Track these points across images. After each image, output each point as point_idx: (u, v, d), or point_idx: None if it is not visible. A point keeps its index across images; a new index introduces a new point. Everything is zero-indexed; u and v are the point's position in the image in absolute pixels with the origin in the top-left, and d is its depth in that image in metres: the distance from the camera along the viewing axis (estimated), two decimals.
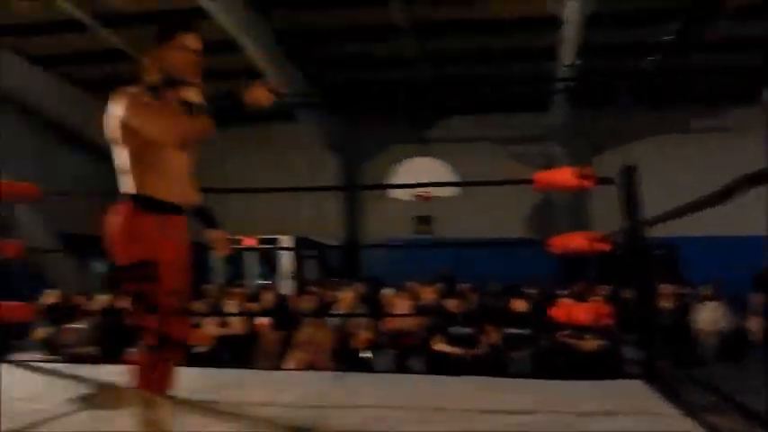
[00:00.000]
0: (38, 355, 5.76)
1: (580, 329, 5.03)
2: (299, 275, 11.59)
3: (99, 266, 12.97)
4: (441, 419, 2.49)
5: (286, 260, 11.89)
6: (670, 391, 2.69)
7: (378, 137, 14.22)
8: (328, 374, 3.62)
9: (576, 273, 10.32)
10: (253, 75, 11.10)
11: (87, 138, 12.99)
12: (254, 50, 10.34)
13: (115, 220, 2.27)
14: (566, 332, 5.19)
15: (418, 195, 10.72)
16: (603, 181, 4.05)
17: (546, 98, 13.04)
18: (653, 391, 2.78)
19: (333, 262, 13.65)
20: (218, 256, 2.47)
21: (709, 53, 10.77)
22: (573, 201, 12.90)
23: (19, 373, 3.65)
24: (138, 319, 2.21)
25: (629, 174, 3.68)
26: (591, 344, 5.01)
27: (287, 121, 13.18)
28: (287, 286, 10.65)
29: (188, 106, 2.34)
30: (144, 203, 2.25)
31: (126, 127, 2.23)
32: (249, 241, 11.19)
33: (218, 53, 11.02)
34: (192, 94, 2.38)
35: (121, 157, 2.30)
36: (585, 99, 12.06)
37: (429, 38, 11.02)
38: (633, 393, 2.84)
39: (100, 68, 12.32)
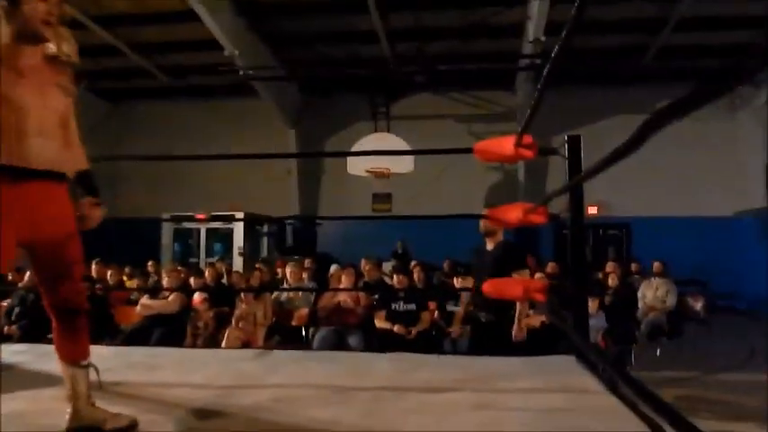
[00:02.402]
0: None
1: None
2: (250, 252, 11.35)
3: None
4: (348, 398, 2.30)
5: (237, 237, 11.64)
6: (601, 368, 2.53)
7: (338, 114, 13.94)
8: (252, 352, 3.40)
9: (529, 250, 10.29)
10: (212, 46, 10.76)
11: None
12: (210, 20, 9.93)
13: None
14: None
15: (376, 172, 10.52)
16: (545, 152, 3.86)
17: (511, 76, 12.88)
18: (583, 368, 2.63)
19: (289, 240, 13.44)
20: (83, 229, 2.15)
21: (680, 32, 10.66)
22: (533, 180, 12.84)
23: None
24: None
25: (573, 144, 3.49)
26: (534, 320, 4.88)
27: (247, 97, 12.81)
28: (237, 264, 10.42)
29: (54, 60, 2.02)
30: None
31: None
32: (200, 216, 10.92)
33: (178, 23, 10.64)
34: (60, 46, 2.04)
35: None
36: (550, 78, 11.88)
37: (392, 13, 10.74)
38: (563, 370, 2.69)
39: None
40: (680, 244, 11.30)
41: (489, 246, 4.06)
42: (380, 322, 5.27)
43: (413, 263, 7.29)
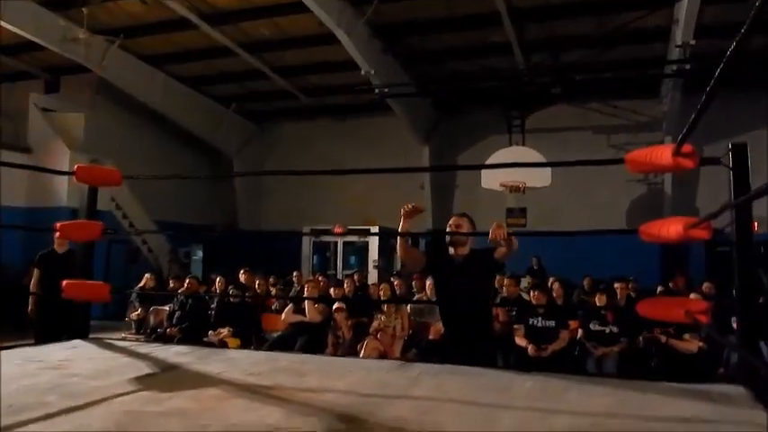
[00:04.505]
0: (124, 334, 5.99)
1: (679, 329, 4.53)
2: (384, 265, 11.55)
3: (199, 252, 13.61)
4: (495, 417, 2.23)
5: (372, 250, 11.90)
6: None
7: (472, 128, 13.88)
8: (392, 363, 3.44)
9: (678, 268, 9.55)
10: (350, 66, 11.20)
11: (193, 132, 13.66)
12: (349, 42, 10.35)
13: None
14: (662, 330, 4.71)
15: (511, 186, 10.32)
16: (707, 161, 3.57)
17: (655, 83, 12.14)
18: (753, 399, 2.37)
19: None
20: None
21: None
22: (682, 192, 11.95)
23: (92, 350, 3.72)
24: None
25: (739, 153, 3.17)
26: (690, 345, 4.49)
27: (383, 114, 13.14)
28: (372, 276, 10.64)
29: None
30: None
31: None
32: (338, 230, 11.33)
33: (317, 46, 11.21)
34: None
35: None
36: (700, 83, 11.00)
37: (526, 23, 10.57)
38: (729, 400, 2.44)
39: (204, 65, 12.85)
40: None
41: (457, 256, 3.86)
42: (519, 339, 5.13)
43: (551, 279, 7.04)
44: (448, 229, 4.01)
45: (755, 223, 11.13)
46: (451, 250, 3.88)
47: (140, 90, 12.65)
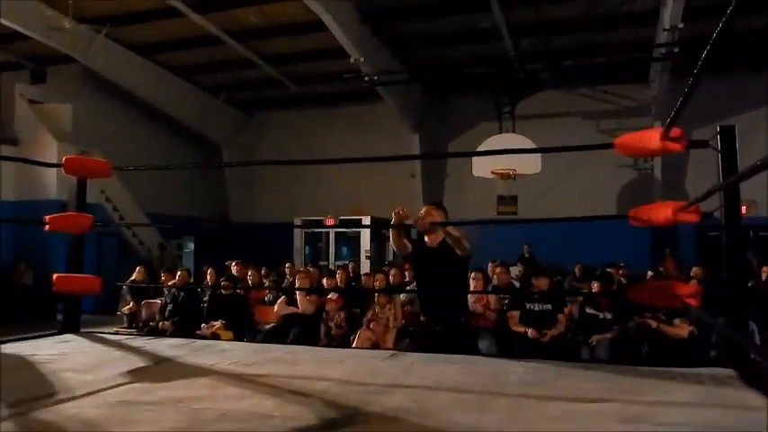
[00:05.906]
0: (116, 328, 5.96)
1: (669, 314, 4.57)
2: (376, 255, 11.54)
3: (190, 245, 13.55)
4: (488, 403, 2.24)
5: (364, 240, 11.89)
6: (763, 382, 2.29)
7: (462, 116, 13.86)
8: (385, 353, 3.45)
9: (668, 252, 9.62)
10: (339, 54, 11.12)
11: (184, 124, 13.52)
12: (338, 29, 10.27)
13: None
14: (652, 316, 4.75)
15: (501, 173, 10.32)
16: (695, 144, 3.57)
17: (644, 68, 12.14)
18: (742, 381, 2.40)
19: None
20: None
21: None
22: (672, 177, 12.00)
23: (85, 344, 3.70)
24: None
25: (727, 135, 3.18)
26: (681, 330, 4.53)
27: (373, 102, 13.08)
28: (364, 266, 10.64)
29: None
30: None
31: None
32: (329, 221, 11.30)
33: (306, 33, 11.11)
34: None
35: None
36: (688, 67, 10.96)
37: (514, 8, 10.52)
38: (720, 383, 2.46)
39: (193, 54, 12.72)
40: None
41: (431, 244, 3.90)
42: (515, 326, 5.16)
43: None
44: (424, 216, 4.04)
45: (744, 206, 11.22)
46: (426, 238, 3.92)
47: (128, 80, 12.54)
